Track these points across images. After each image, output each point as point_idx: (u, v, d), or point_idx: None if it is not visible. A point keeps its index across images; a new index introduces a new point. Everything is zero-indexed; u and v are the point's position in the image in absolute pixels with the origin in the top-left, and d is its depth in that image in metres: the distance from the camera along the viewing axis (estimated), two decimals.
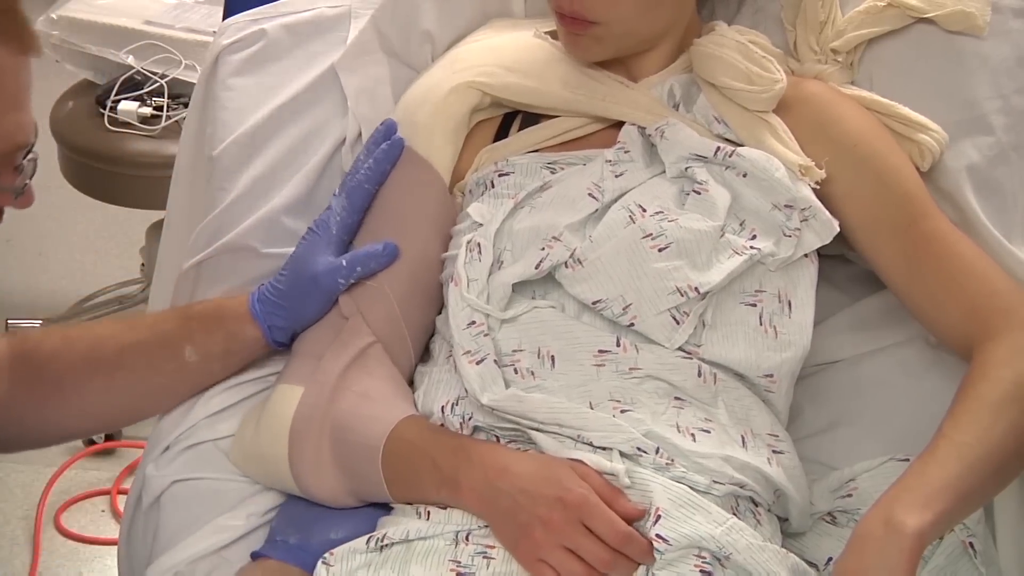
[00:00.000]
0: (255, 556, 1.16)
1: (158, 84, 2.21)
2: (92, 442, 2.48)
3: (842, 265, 1.35)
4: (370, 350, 1.22)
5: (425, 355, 1.29)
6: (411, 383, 1.26)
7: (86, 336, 1.24)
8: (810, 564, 1.14)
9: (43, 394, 1.21)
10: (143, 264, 2.65)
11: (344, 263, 1.23)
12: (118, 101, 2.20)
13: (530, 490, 1.06)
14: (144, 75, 2.22)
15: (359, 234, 1.29)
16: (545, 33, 1.35)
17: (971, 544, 1.14)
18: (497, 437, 1.14)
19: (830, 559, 1.16)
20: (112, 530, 2.27)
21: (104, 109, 2.21)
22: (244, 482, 1.25)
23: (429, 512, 1.11)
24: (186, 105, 1.96)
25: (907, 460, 1.18)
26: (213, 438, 1.27)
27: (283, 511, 1.21)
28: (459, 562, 1.07)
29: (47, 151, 2.27)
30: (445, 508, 1.12)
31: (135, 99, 2.21)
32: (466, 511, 1.10)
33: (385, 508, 1.18)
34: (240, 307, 1.25)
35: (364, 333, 1.23)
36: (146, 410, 1.30)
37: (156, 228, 2.34)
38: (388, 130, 1.31)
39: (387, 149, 1.29)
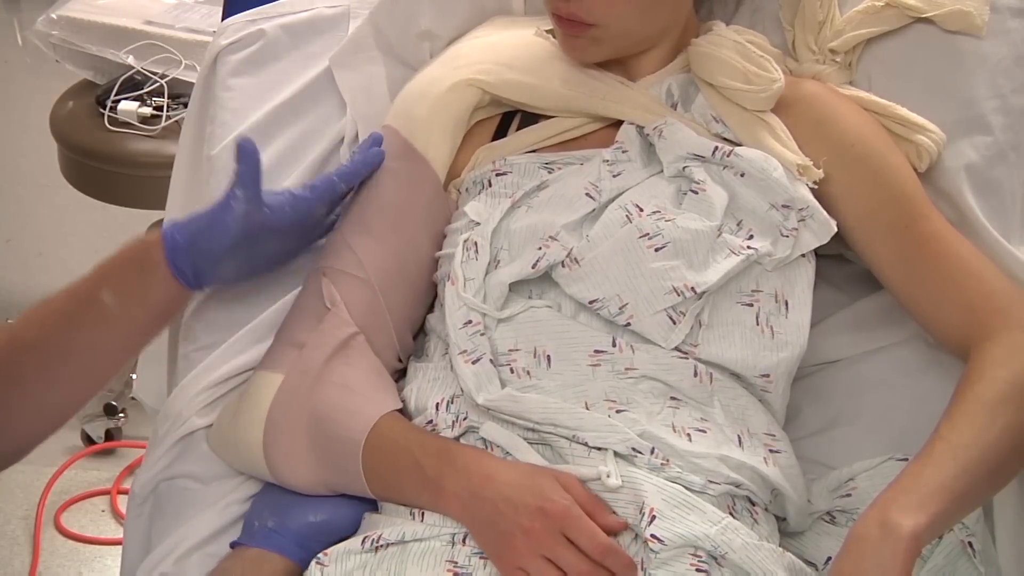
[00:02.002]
0: (234, 546, 1.16)
1: (158, 84, 2.20)
2: (92, 442, 2.49)
3: (841, 265, 1.35)
4: (352, 341, 1.21)
5: (420, 353, 1.28)
6: (396, 379, 1.25)
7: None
8: (809, 563, 1.14)
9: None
10: None
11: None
12: (118, 101, 2.19)
13: (513, 499, 1.05)
14: (144, 75, 2.21)
15: (350, 225, 1.27)
16: (546, 32, 1.35)
17: (970, 543, 1.13)
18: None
19: (829, 558, 1.16)
20: (112, 530, 2.28)
21: (104, 109, 2.20)
22: (226, 476, 1.24)
23: (424, 514, 1.11)
24: (186, 105, 1.96)
25: (906, 460, 1.18)
26: (203, 426, 1.27)
27: (259, 497, 1.21)
28: (456, 563, 1.07)
29: (47, 151, 2.28)
30: None
31: (135, 99, 2.20)
32: (447, 516, 1.10)
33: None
34: (150, 236, 1.18)
35: (346, 323, 1.22)
36: (84, 383, 1.18)
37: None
38: (374, 141, 1.30)
39: (364, 159, 1.28)
